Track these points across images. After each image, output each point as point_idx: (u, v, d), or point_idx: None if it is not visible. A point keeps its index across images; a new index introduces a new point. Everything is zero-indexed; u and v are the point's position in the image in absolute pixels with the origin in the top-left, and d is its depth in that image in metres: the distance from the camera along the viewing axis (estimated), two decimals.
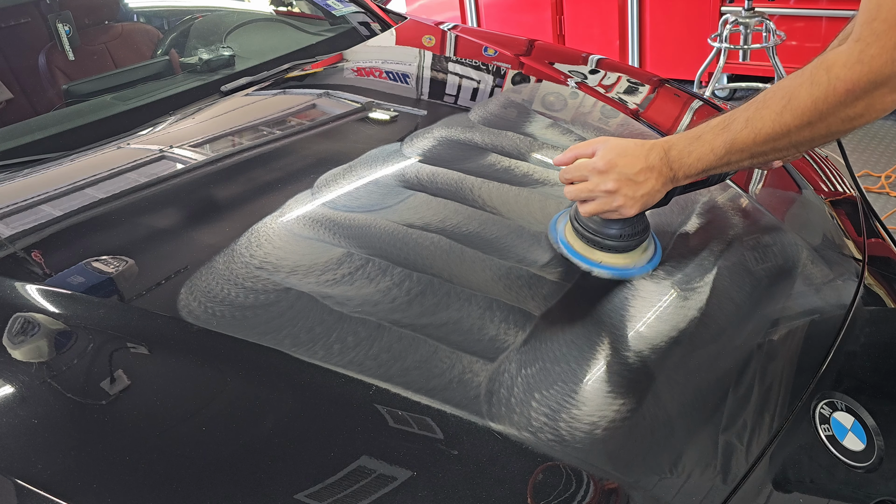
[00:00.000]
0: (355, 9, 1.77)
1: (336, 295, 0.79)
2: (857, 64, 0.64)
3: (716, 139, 0.76)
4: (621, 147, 0.79)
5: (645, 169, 0.78)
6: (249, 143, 1.16)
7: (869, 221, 1.11)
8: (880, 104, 0.65)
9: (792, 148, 0.73)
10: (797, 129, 0.70)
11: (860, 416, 0.75)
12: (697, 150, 0.77)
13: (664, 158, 0.78)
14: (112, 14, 1.66)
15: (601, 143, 0.81)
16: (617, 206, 0.79)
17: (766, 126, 0.72)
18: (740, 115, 0.75)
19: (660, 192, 0.79)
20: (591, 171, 0.79)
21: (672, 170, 0.78)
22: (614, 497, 0.64)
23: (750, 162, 0.76)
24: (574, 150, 0.83)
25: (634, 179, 0.78)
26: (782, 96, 0.71)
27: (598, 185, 0.79)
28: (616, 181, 0.78)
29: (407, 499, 0.60)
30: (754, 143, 0.73)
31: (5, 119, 1.29)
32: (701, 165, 0.77)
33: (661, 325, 0.79)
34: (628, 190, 0.78)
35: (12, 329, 0.76)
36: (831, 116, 0.67)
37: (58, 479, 0.61)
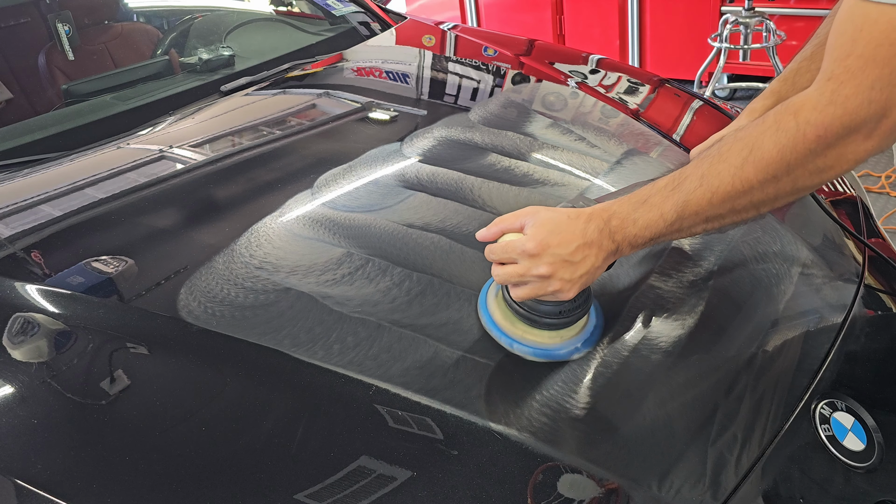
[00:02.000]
0: (355, 8, 1.77)
1: (336, 295, 0.79)
2: (830, 105, 0.57)
3: (665, 202, 0.66)
4: (554, 222, 0.68)
5: (582, 246, 0.66)
6: (249, 143, 1.16)
7: (869, 221, 1.11)
8: (853, 153, 0.58)
9: (752, 209, 0.64)
10: (760, 185, 0.61)
11: (860, 417, 0.75)
12: (644, 216, 0.67)
13: (604, 230, 0.67)
14: (112, 14, 1.66)
15: (530, 217, 0.69)
16: (553, 290, 0.68)
17: (723, 183, 0.63)
18: (693, 172, 0.65)
19: (601, 269, 0.69)
20: (520, 255, 0.68)
21: (615, 242, 0.67)
22: (614, 497, 0.64)
23: (703, 227, 0.67)
24: (500, 224, 0.71)
25: (571, 260, 0.66)
26: (743, 147, 0.62)
27: (529, 270, 0.67)
28: (550, 264, 0.66)
29: (407, 499, 0.60)
30: (710, 205, 0.64)
31: (5, 119, 1.28)
32: (649, 234, 0.67)
33: (661, 326, 0.79)
34: (565, 272, 0.67)
35: (12, 329, 0.76)
36: (799, 168, 0.59)
37: (58, 479, 0.61)
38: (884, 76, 0.54)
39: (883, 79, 0.54)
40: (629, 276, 0.85)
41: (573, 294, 0.68)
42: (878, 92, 0.55)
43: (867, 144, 0.57)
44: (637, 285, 0.83)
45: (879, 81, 0.55)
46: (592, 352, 0.74)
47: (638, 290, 0.83)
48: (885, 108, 0.55)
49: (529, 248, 0.67)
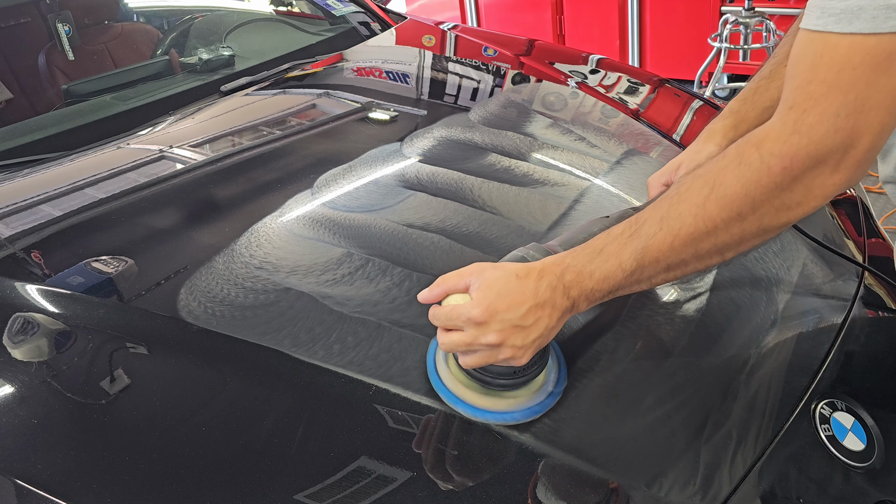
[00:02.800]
0: (355, 8, 1.77)
1: (336, 295, 0.79)
2: (794, 135, 0.53)
3: (623, 250, 0.61)
4: (501, 284, 0.61)
5: (534, 308, 0.60)
6: (249, 143, 1.16)
7: (869, 221, 1.11)
8: (820, 187, 0.54)
9: (717, 254, 0.59)
10: (725, 225, 0.57)
11: (860, 417, 0.75)
12: (601, 267, 0.61)
13: (558, 287, 0.61)
14: (112, 14, 1.66)
15: (475, 277, 0.63)
16: (504, 358, 0.62)
17: (685, 225, 0.58)
18: (651, 215, 0.61)
19: (556, 329, 0.63)
20: (466, 322, 0.61)
21: (570, 298, 0.62)
22: (614, 497, 0.64)
23: (664, 277, 0.61)
24: (443, 285, 0.65)
25: (522, 324, 0.60)
26: (704, 184, 0.58)
27: (477, 339, 0.61)
28: (499, 332, 0.60)
29: (407, 499, 0.60)
30: (672, 250, 0.59)
31: (5, 119, 1.29)
32: (607, 287, 0.61)
33: (660, 326, 0.79)
34: (516, 339, 0.61)
35: (12, 329, 0.76)
36: (765, 205, 0.56)
37: (58, 479, 0.61)
38: (848, 103, 0.51)
39: (848, 105, 0.51)
40: None
41: (527, 359, 0.63)
42: (844, 119, 0.52)
43: (835, 178, 0.54)
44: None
45: (844, 108, 0.52)
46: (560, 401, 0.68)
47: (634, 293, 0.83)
48: (853, 137, 0.52)
49: (475, 315, 0.60)
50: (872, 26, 0.50)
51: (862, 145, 0.53)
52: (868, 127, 0.52)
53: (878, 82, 0.51)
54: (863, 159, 0.53)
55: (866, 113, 0.51)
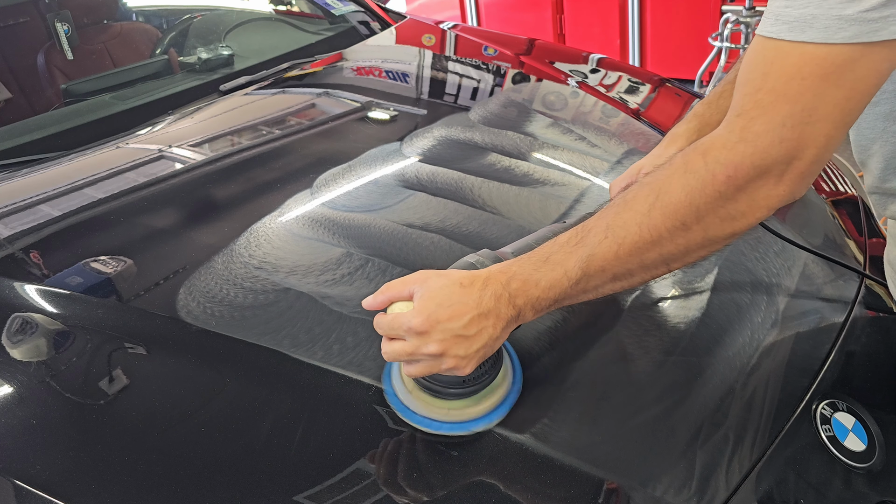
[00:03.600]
0: (355, 8, 1.77)
1: (335, 295, 0.79)
2: (740, 143, 0.53)
3: (569, 259, 0.59)
4: (444, 293, 0.59)
5: (477, 317, 0.59)
6: (248, 143, 1.16)
7: (870, 221, 1.10)
8: (764, 198, 0.54)
9: (663, 264, 0.58)
10: (669, 234, 0.56)
11: (861, 417, 0.75)
12: (547, 276, 0.60)
13: (503, 296, 0.60)
14: (111, 13, 1.66)
15: (419, 285, 0.61)
16: (446, 368, 0.60)
17: (630, 234, 0.57)
18: (597, 224, 0.60)
19: (501, 339, 0.61)
20: (407, 332, 0.60)
21: (515, 307, 0.60)
22: (614, 497, 0.64)
23: (611, 287, 0.60)
24: (387, 293, 0.63)
25: (464, 334, 0.58)
26: (650, 192, 0.57)
27: (418, 348, 0.60)
28: (440, 342, 0.59)
29: (407, 499, 0.60)
30: (617, 259, 0.58)
31: (4, 119, 1.28)
32: (553, 295, 0.60)
33: (661, 326, 0.79)
34: (458, 349, 0.59)
35: (11, 329, 0.76)
36: (710, 214, 0.55)
37: (57, 479, 0.61)
38: (795, 113, 0.51)
39: (794, 116, 0.51)
40: None
41: (470, 370, 0.61)
42: (790, 130, 0.51)
43: (779, 189, 0.53)
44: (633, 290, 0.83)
45: (791, 119, 0.51)
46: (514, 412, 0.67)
47: (637, 291, 0.83)
48: (797, 148, 0.51)
49: (416, 324, 0.59)
50: (825, 36, 0.49)
51: (807, 157, 0.52)
52: (814, 139, 0.51)
53: (827, 94, 0.50)
54: (807, 171, 0.53)
55: (813, 124, 0.51)
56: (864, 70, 0.50)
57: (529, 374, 0.71)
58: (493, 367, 0.65)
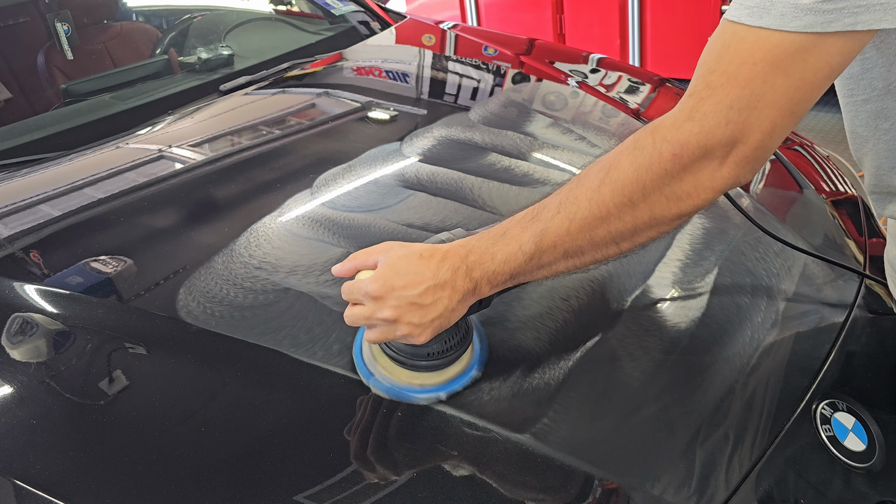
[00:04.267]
0: (355, 8, 1.77)
1: (335, 295, 0.79)
2: (688, 122, 0.54)
3: (523, 233, 0.61)
4: (403, 263, 0.62)
5: (433, 287, 0.60)
6: (248, 143, 1.16)
7: (870, 221, 1.10)
8: (709, 180, 0.54)
9: (612, 243, 0.60)
10: (617, 211, 0.57)
11: (861, 417, 0.75)
12: (503, 250, 0.61)
13: (460, 268, 0.61)
14: (111, 13, 1.66)
15: (383, 254, 0.64)
16: (401, 335, 0.62)
17: (580, 209, 0.58)
18: (552, 201, 0.61)
19: (457, 311, 0.63)
20: (364, 296, 0.62)
21: (472, 280, 0.61)
22: (614, 497, 0.64)
23: (565, 265, 0.61)
24: (353, 261, 0.66)
25: (419, 302, 0.60)
26: (601, 169, 0.58)
27: (374, 313, 0.62)
28: (395, 308, 0.61)
29: (407, 499, 0.60)
30: (568, 235, 0.59)
31: (4, 119, 1.28)
32: (508, 269, 0.61)
33: (661, 326, 0.79)
34: (412, 316, 0.61)
35: (11, 329, 0.76)
36: (656, 193, 0.56)
37: (57, 479, 0.60)
38: (743, 97, 0.51)
39: (742, 100, 0.51)
40: (629, 276, 0.85)
41: (425, 338, 0.63)
42: (737, 113, 0.52)
43: (723, 171, 0.54)
44: (635, 286, 0.83)
45: (738, 102, 0.52)
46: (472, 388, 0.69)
47: (637, 291, 0.83)
48: (742, 132, 0.52)
49: (371, 289, 0.62)
50: (780, 23, 0.50)
51: (751, 142, 0.53)
52: (759, 124, 0.52)
53: (775, 81, 0.51)
54: (752, 156, 0.53)
55: (759, 110, 0.51)
56: (815, 61, 0.51)
57: (527, 374, 0.71)
58: (458, 344, 0.67)
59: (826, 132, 3.23)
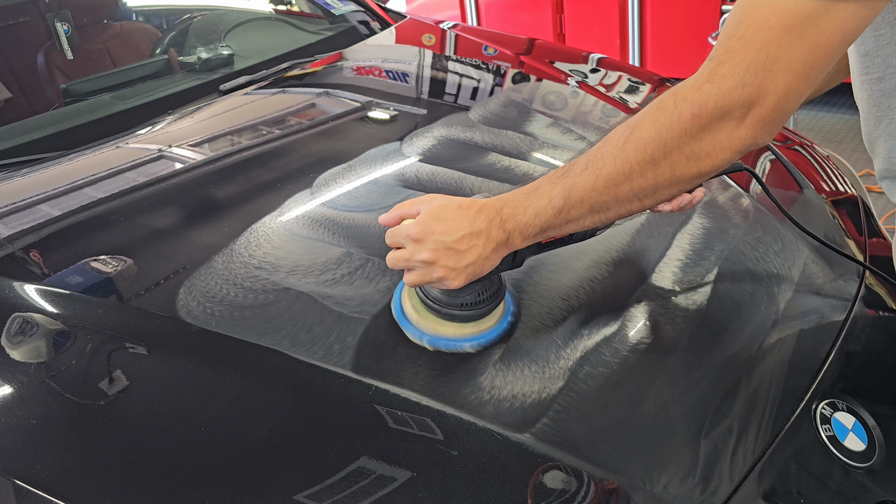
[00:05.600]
0: (355, 7, 1.77)
1: (335, 295, 0.79)
2: (707, 84, 0.56)
3: (553, 188, 0.64)
4: (443, 210, 0.67)
5: (469, 235, 0.65)
6: (248, 143, 1.16)
7: (870, 221, 1.10)
8: (727, 140, 0.57)
9: (636, 199, 0.62)
10: (640, 168, 0.60)
11: (861, 417, 0.75)
12: (534, 204, 0.65)
13: (495, 220, 0.66)
14: (111, 13, 1.66)
15: (425, 203, 0.69)
16: (437, 277, 0.67)
17: (606, 166, 0.61)
18: (582, 158, 0.64)
19: (491, 260, 0.67)
20: (405, 239, 0.68)
21: (505, 231, 0.66)
22: (614, 497, 0.64)
23: (592, 220, 0.65)
24: (399, 210, 0.71)
25: (455, 248, 0.65)
26: (626, 128, 0.61)
27: (413, 255, 0.67)
28: (432, 251, 0.66)
29: (407, 499, 0.60)
30: (594, 190, 0.62)
31: (4, 118, 1.28)
32: (539, 223, 0.65)
33: (661, 326, 0.79)
34: (448, 260, 0.66)
35: (11, 329, 0.76)
36: (676, 151, 0.58)
37: (57, 479, 0.60)
38: (759, 60, 0.54)
39: (758, 63, 0.54)
40: (629, 275, 0.85)
41: (459, 283, 0.67)
42: (753, 76, 0.54)
43: (740, 132, 0.56)
44: (636, 285, 0.83)
45: (755, 65, 0.54)
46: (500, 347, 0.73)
47: (638, 290, 0.83)
48: (759, 93, 0.54)
49: (413, 232, 0.67)
50: None
51: (767, 104, 0.55)
52: (774, 87, 0.54)
53: (790, 45, 0.53)
54: (768, 118, 0.56)
55: (775, 73, 0.54)
56: (828, 26, 0.53)
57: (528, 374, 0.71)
58: (491, 298, 0.71)
59: (826, 132, 3.23)
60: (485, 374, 0.70)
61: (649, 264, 0.87)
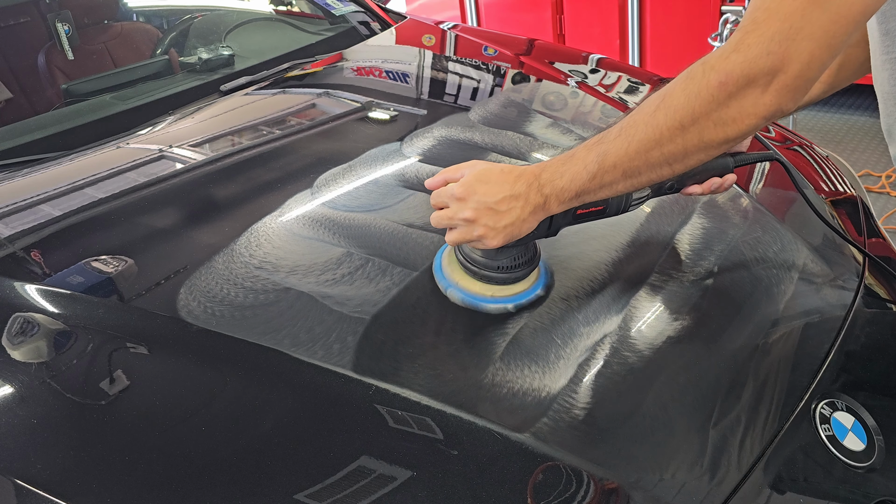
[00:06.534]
0: (355, 8, 1.77)
1: (336, 295, 0.79)
2: (734, 53, 0.58)
3: (588, 154, 0.67)
4: (486, 173, 0.71)
5: (509, 197, 0.69)
6: (249, 143, 1.16)
7: (869, 221, 1.10)
8: (752, 106, 0.59)
9: (665, 164, 0.65)
10: (670, 134, 0.62)
11: (860, 416, 0.75)
12: (570, 169, 0.68)
13: (534, 184, 0.70)
14: (111, 13, 1.66)
15: (469, 168, 0.73)
16: (478, 235, 0.71)
17: (638, 132, 0.64)
18: (616, 126, 0.67)
19: (528, 222, 0.71)
20: (449, 198, 0.72)
21: (542, 195, 0.69)
22: (614, 497, 0.64)
23: (624, 185, 0.68)
24: (444, 174, 0.76)
25: (496, 209, 0.69)
26: (658, 96, 0.64)
27: (456, 213, 0.72)
28: (474, 210, 0.70)
29: (407, 499, 0.60)
30: (626, 156, 0.65)
31: (5, 119, 1.28)
32: (574, 188, 0.68)
33: (661, 326, 0.79)
34: (488, 220, 0.70)
35: (12, 329, 0.76)
36: (704, 118, 0.61)
37: (58, 479, 0.61)
38: (783, 30, 0.56)
39: (782, 32, 0.56)
40: (628, 276, 0.85)
41: (497, 243, 0.71)
42: (777, 44, 0.56)
43: (765, 99, 0.58)
44: (636, 285, 0.83)
45: (779, 34, 0.56)
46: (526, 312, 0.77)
47: (637, 290, 0.83)
48: (783, 61, 0.57)
49: (457, 192, 0.71)
50: None
51: (791, 71, 0.57)
52: (798, 55, 0.56)
53: (813, 15, 0.55)
54: (791, 85, 0.58)
55: (798, 42, 0.56)
56: None
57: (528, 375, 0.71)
58: (526, 264, 0.77)
59: (826, 132, 3.24)
60: (485, 374, 0.70)
61: (649, 264, 0.87)
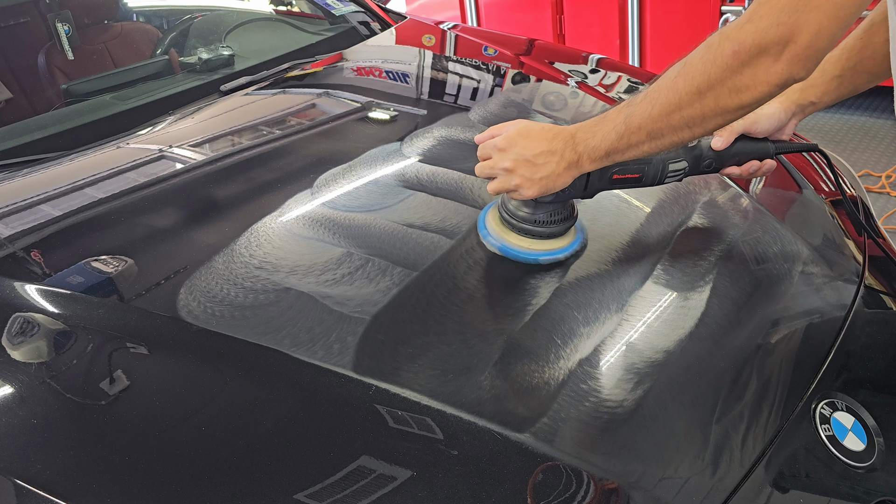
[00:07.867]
0: (355, 8, 1.77)
1: (336, 295, 0.79)
2: (747, 23, 0.62)
3: (618, 116, 0.73)
4: (527, 129, 0.78)
5: (546, 152, 0.76)
6: (249, 143, 1.16)
7: (869, 221, 1.10)
8: (764, 74, 0.62)
9: (686, 128, 0.69)
10: (688, 99, 0.67)
11: (860, 416, 0.75)
12: (601, 129, 0.74)
13: (569, 142, 0.76)
14: (111, 13, 1.66)
15: (513, 125, 0.80)
16: (515, 185, 0.78)
17: (661, 96, 0.69)
18: (643, 92, 0.72)
19: (562, 178, 0.77)
20: (492, 149, 0.80)
21: (577, 153, 0.76)
22: (614, 497, 0.64)
23: (649, 146, 0.72)
24: (491, 129, 0.83)
25: (533, 161, 0.76)
26: (679, 64, 0.69)
27: (497, 163, 0.79)
28: (513, 160, 0.77)
29: (407, 499, 0.60)
30: (650, 118, 0.70)
31: (5, 119, 1.28)
32: (604, 146, 0.74)
33: (661, 325, 0.79)
34: (525, 171, 0.77)
35: (12, 329, 0.76)
36: (719, 85, 0.65)
37: (58, 479, 0.61)
38: (792, 1, 0.59)
39: (792, 4, 0.59)
40: (627, 276, 0.85)
41: (533, 194, 0.78)
42: (787, 15, 0.59)
43: (777, 67, 0.61)
44: (636, 285, 0.83)
45: (789, 5, 0.59)
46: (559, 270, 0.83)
47: (637, 291, 0.83)
48: (792, 32, 0.59)
49: (499, 143, 0.79)
50: None
51: (800, 41, 0.60)
52: (807, 25, 0.59)
53: None
54: (802, 55, 0.61)
55: (807, 13, 0.59)
56: None
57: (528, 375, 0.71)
58: (563, 220, 0.84)
59: (826, 132, 3.23)
60: (485, 374, 0.70)
61: (648, 264, 0.87)
